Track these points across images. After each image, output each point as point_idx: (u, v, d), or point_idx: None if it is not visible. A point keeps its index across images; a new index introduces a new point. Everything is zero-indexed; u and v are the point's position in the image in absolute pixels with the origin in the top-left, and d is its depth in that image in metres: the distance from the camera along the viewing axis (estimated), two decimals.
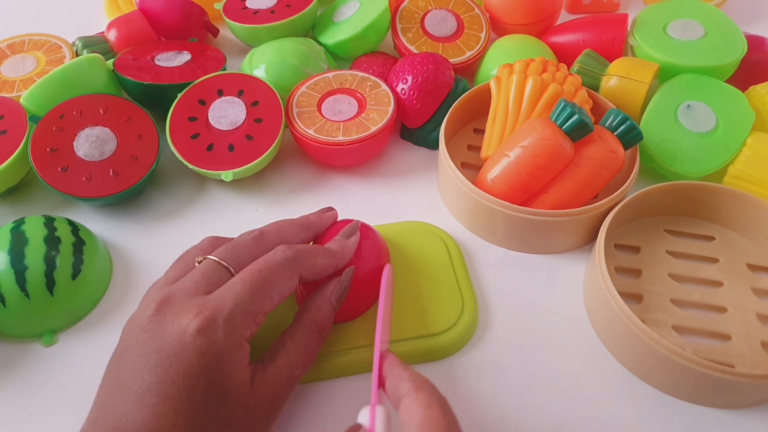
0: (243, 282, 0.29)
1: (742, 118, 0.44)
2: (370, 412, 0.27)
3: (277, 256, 0.31)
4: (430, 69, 0.46)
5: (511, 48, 0.50)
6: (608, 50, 0.50)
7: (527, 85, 0.43)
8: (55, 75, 0.46)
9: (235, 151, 0.44)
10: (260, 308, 0.29)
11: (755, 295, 0.38)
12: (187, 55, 0.51)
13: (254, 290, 0.29)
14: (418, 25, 0.53)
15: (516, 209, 0.39)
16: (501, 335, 0.37)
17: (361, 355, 0.35)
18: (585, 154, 0.39)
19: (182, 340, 0.27)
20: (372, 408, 0.27)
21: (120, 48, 0.53)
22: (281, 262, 0.31)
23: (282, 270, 0.30)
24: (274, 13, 0.54)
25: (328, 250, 0.33)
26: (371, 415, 0.27)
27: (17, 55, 0.53)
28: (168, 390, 0.27)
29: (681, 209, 0.42)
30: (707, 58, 0.47)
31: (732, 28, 0.50)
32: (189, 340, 0.27)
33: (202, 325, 0.28)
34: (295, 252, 0.31)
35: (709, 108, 0.45)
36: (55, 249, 0.37)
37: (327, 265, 0.33)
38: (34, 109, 0.46)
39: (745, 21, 0.56)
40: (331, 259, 0.33)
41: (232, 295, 0.29)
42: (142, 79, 0.47)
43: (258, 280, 0.30)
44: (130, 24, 0.54)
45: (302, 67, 0.49)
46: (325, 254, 0.33)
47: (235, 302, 0.29)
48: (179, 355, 0.27)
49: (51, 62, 0.52)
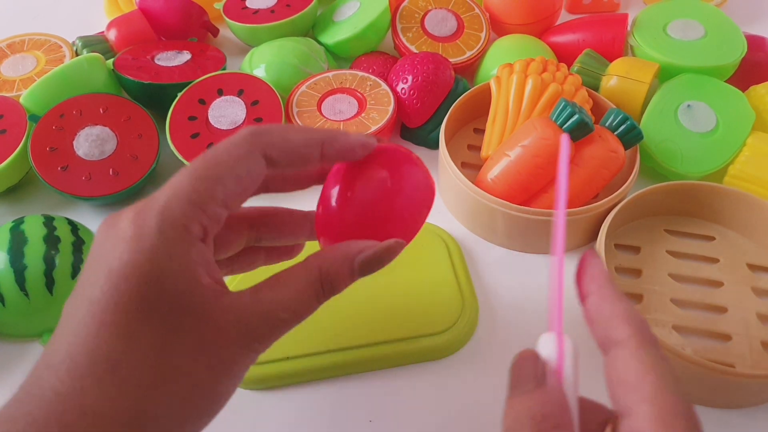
0: (184, 170, 0.24)
1: (742, 118, 0.44)
2: (556, 343, 0.22)
3: (232, 137, 0.25)
4: (430, 69, 0.46)
5: (511, 48, 0.50)
6: (608, 50, 0.50)
7: (527, 84, 0.43)
8: (55, 74, 0.46)
9: None
10: (208, 195, 0.23)
11: (755, 295, 0.38)
12: (187, 55, 0.51)
13: (196, 175, 0.23)
14: (418, 24, 0.53)
15: (516, 209, 0.39)
16: (501, 335, 0.37)
17: (361, 354, 0.35)
18: (585, 153, 0.39)
19: (111, 241, 0.22)
20: (559, 339, 0.22)
21: (120, 47, 0.53)
22: (235, 140, 0.24)
23: (235, 148, 0.24)
24: (274, 12, 0.54)
25: (309, 127, 0.27)
26: (559, 349, 0.21)
27: (17, 54, 0.52)
28: (95, 302, 0.21)
29: (681, 209, 0.42)
30: (707, 58, 0.47)
31: (732, 28, 0.50)
32: (117, 239, 0.22)
33: (131, 216, 0.22)
34: (256, 127, 0.25)
35: (709, 108, 0.45)
36: (55, 248, 0.37)
37: (305, 140, 0.25)
38: (34, 108, 0.46)
39: (745, 21, 0.56)
40: (310, 135, 0.25)
41: (170, 185, 0.23)
42: (142, 79, 0.47)
43: (202, 164, 0.24)
44: (130, 23, 0.54)
45: (302, 66, 0.49)
46: (302, 129, 0.26)
47: (172, 191, 0.23)
48: (108, 259, 0.22)
49: (51, 62, 0.52)
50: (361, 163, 0.27)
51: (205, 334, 0.22)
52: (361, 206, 0.27)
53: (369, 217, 0.27)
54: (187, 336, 0.22)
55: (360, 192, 0.27)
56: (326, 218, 0.27)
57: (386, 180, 0.27)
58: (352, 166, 0.27)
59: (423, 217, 0.29)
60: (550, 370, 0.22)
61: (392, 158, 0.28)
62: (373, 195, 0.27)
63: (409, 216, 0.28)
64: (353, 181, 0.27)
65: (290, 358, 0.34)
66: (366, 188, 0.27)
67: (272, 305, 0.24)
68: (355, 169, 0.27)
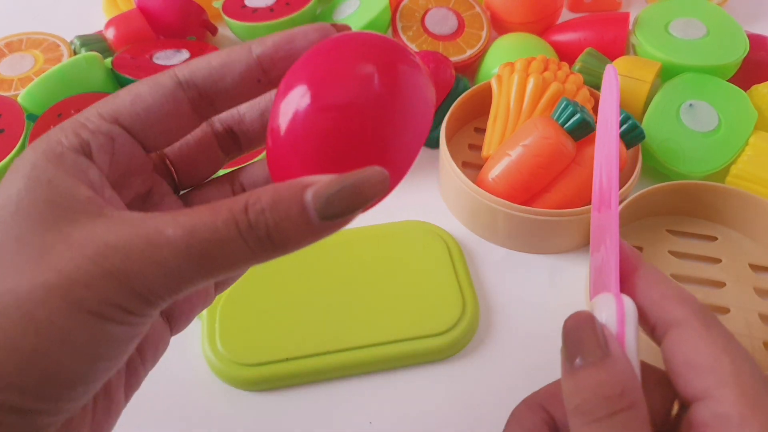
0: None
1: (745, 117, 0.44)
2: (614, 304, 0.19)
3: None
4: (430, 68, 0.46)
5: (512, 46, 0.50)
6: (610, 49, 0.50)
7: (528, 83, 0.43)
8: (53, 73, 0.46)
9: None
10: (94, 109, 0.20)
11: (758, 296, 0.38)
12: (186, 54, 0.51)
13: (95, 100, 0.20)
14: (418, 23, 0.53)
15: (517, 209, 0.39)
16: (502, 336, 0.37)
17: (361, 355, 0.35)
18: (587, 153, 0.39)
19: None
20: (618, 301, 0.19)
21: (118, 46, 0.53)
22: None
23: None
24: (273, 11, 0.54)
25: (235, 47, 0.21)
26: (618, 311, 0.19)
27: (15, 53, 0.52)
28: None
29: (683, 209, 0.42)
30: (709, 57, 0.47)
31: (734, 27, 0.50)
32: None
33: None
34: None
35: (711, 107, 0.44)
36: None
37: (225, 61, 0.20)
38: (32, 107, 0.45)
39: (747, 20, 0.55)
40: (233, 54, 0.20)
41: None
42: (141, 78, 0.47)
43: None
44: (128, 22, 0.53)
45: None
46: (224, 52, 0.20)
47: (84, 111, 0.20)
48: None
49: (49, 61, 0.52)
50: (330, 56, 0.18)
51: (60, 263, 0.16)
52: (332, 122, 0.18)
53: (343, 140, 0.18)
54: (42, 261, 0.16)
55: (330, 98, 0.18)
56: (280, 145, 0.18)
57: (371, 78, 0.18)
58: (316, 60, 0.18)
59: (419, 146, 0.20)
60: (611, 336, 0.19)
61: (378, 48, 0.19)
62: (350, 103, 0.18)
63: (402, 141, 0.19)
64: (318, 83, 0.18)
65: (290, 359, 0.34)
66: (340, 92, 0.18)
67: (161, 223, 0.17)
68: (322, 65, 0.18)
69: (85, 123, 0.19)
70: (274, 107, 0.19)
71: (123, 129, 0.19)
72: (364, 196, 0.17)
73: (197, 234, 0.17)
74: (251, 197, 0.17)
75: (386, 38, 0.20)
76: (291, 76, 0.19)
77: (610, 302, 0.20)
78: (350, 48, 0.19)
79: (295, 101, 0.18)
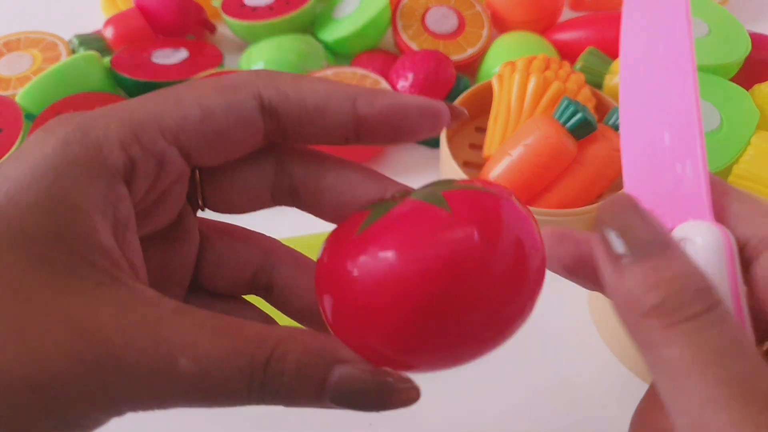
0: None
1: (747, 117, 0.44)
2: (717, 234, 0.16)
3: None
4: (431, 66, 0.46)
5: (514, 45, 0.50)
6: (612, 48, 0.50)
7: (530, 83, 0.43)
8: (52, 73, 0.46)
9: None
10: (152, 117, 0.16)
11: None
12: (185, 53, 0.51)
13: (153, 96, 0.17)
14: (418, 22, 0.52)
15: None
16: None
17: None
18: (588, 152, 0.39)
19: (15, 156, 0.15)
20: (721, 230, 0.16)
21: (117, 45, 0.53)
22: (226, 77, 0.17)
23: (217, 80, 0.17)
24: (272, 9, 0.54)
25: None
26: (725, 240, 0.16)
27: (13, 52, 0.52)
28: None
29: None
30: (711, 56, 0.47)
31: (736, 26, 0.49)
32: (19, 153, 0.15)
33: (48, 127, 0.15)
34: (264, 70, 0.19)
35: (712, 107, 0.44)
36: None
37: (325, 90, 0.17)
38: (30, 107, 0.45)
39: (749, 19, 0.55)
40: (335, 86, 0.17)
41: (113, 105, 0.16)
42: (139, 77, 0.47)
43: (162, 90, 0.17)
44: (127, 21, 0.53)
45: (301, 64, 0.49)
46: (324, 80, 0.17)
47: (107, 108, 0.16)
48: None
49: (47, 60, 0.51)
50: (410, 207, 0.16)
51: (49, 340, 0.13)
52: (413, 283, 0.15)
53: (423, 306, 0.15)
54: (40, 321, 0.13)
55: (411, 253, 0.15)
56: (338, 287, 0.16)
57: (471, 237, 0.15)
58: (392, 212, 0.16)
59: (525, 315, 0.17)
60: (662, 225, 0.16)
61: (475, 199, 0.16)
62: (438, 265, 0.15)
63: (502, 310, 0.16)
64: (398, 231, 0.15)
65: None
66: (426, 249, 0.15)
67: (177, 345, 0.14)
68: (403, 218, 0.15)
69: (139, 136, 0.15)
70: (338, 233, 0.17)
71: (181, 153, 0.16)
72: (386, 403, 0.16)
73: (210, 378, 0.14)
74: (277, 350, 0.14)
75: (477, 182, 0.17)
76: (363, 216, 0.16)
77: (705, 231, 0.16)
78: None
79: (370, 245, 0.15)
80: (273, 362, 0.14)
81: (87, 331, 0.13)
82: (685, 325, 0.14)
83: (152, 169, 0.15)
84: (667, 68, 0.19)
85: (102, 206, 0.14)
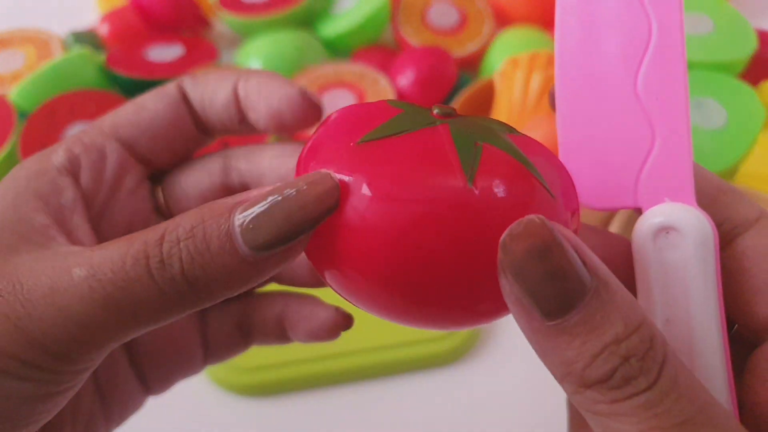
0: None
1: (753, 114, 0.43)
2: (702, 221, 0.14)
3: None
4: (431, 63, 0.45)
5: (516, 41, 0.49)
6: None
7: (532, 80, 0.42)
8: (46, 70, 0.45)
9: (227, 147, 0.43)
10: (96, 122, 0.19)
11: None
12: (181, 49, 0.50)
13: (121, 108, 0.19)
14: (419, 17, 0.52)
15: None
16: (505, 341, 0.36)
17: (359, 360, 0.34)
18: None
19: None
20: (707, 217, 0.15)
21: (112, 42, 0.52)
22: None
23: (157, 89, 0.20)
24: (269, 5, 0.53)
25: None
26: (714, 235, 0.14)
27: (6, 49, 0.51)
28: None
29: None
30: (717, 53, 0.46)
31: (742, 23, 0.49)
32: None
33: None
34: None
35: (719, 104, 0.44)
36: None
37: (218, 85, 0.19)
38: (24, 104, 0.45)
39: (755, 15, 0.55)
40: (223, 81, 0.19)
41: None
42: (134, 75, 0.46)
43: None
44: (121, 18, 0.53)
45: (298, 60, 0.48)
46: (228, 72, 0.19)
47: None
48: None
49: (41, 57, 0.51)
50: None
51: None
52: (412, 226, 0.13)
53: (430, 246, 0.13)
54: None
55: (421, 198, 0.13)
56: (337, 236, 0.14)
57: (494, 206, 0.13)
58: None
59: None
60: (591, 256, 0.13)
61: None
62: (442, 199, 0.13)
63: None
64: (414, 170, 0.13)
65: (288, 363, 0.33)
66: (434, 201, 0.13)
67: (75, 260, 0.14)
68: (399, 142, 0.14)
69: (81, 137, 0.18)
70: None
71: (121, 143, 0.18)
72: (303, 213, 0.13)
73: (101, 273, 0.13)
74: (171, 225, 0.14)
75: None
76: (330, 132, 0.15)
77: (694, 220, 0.14)
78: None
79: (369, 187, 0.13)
80: (167, 234, 0.14)
81: (10, 283, 0.14)
82: (634, 400, 0.13)
83: (95, 160, 0.18)
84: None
85: (45, 196, 0.16)
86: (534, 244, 0.12)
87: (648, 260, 0.15)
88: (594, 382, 0.13)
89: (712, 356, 0.15)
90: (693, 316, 0.15)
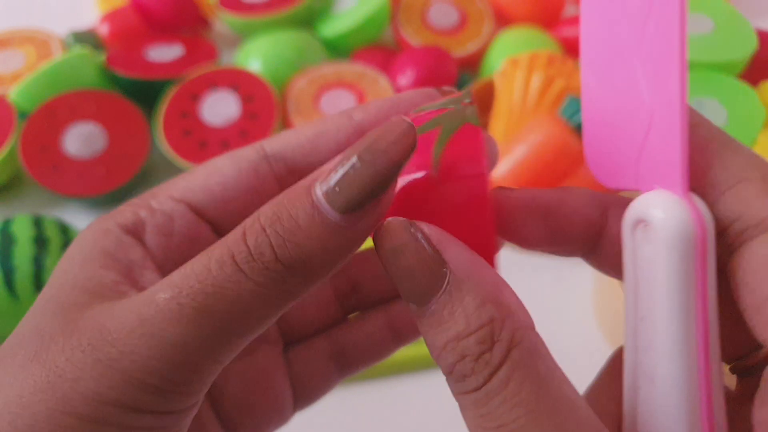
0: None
1: (753, 114, 0.43)
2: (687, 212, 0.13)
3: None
4: (431, 63, 0.46)
5: (516, 41, 0.49)
6: None
7: (532, 80, 0.42)
8: (45, 71, 0.45)
9: (229, 147, 0.43)
10: (165, 185, 0.18)
11: None
12: (180, 49, 0.50)
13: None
14: (419, 17, 0.52)
15: None
16: None
17: None
18: None
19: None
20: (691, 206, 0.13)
21: (112, 42, 0.52)
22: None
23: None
24: (270, 5, 0.53)
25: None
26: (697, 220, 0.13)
27: (6, 49, 0.51)
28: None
29: None
30: (717, 53, 0.46)
31: (742, 23, 0.49)
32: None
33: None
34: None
35: (719, 104, 0.44)
36: (44, 250, 0.36)
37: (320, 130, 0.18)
38: (24, 105, 0.45)
39: (755, 15, 0.55)
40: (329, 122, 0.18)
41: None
42: (134, 75, 0.46)
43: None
44: (122, 18, 0.53)
45: (298, 60, 0.48)
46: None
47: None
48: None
49: (41, 57, 0.51)
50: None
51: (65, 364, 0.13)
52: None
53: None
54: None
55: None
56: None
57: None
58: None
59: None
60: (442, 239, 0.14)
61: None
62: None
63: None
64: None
65: None
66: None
67: (155, 289, 0.14)
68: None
69: (149, 201, 0.17)
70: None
71: (190, 208, 0.17)
72: (386, 157, 0.13)
73: (186, 288, 0.13)
74: (249, 219, 0.14)
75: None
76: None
77: (667, 207, 0.13)
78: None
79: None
80: (248, 229, 0.13)
81: (94, 331, 0.14)
82: (467, 397, 0.14)
83: (163, 224, 0.17)
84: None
85: (112, 254, 0.16)
86: (391, 244, 0.14)
87: (626, 253, 0.15)
88: (444, 371, 0.14)
89: (674, 365, 0.14)
90: (659, 319, 0.14)
